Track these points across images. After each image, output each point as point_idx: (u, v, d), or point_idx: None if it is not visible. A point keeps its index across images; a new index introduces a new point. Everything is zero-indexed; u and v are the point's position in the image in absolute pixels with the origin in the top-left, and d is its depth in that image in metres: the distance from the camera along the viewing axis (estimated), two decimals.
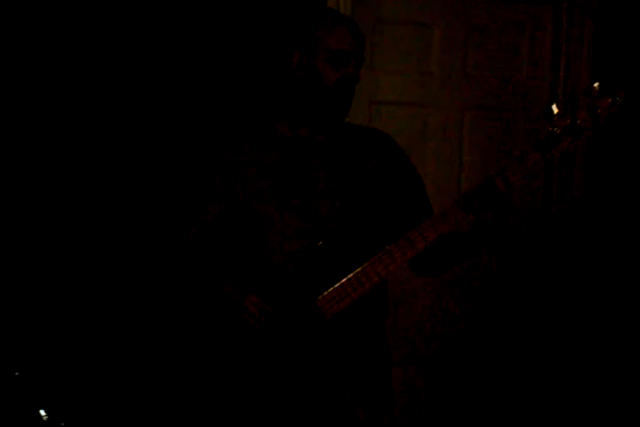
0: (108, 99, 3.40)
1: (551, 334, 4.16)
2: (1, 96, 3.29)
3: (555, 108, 2.37)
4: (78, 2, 3.36)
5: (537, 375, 4.20)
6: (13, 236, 3.27)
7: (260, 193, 2.62)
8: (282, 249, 2.58)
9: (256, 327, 2.51)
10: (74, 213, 3.37)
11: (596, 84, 2.36)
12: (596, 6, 4.04)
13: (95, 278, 3.34)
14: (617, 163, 4.10)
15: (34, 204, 3.34)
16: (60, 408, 2.70)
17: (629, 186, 4.11)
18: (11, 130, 3.28)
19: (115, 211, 3.41)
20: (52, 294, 3.28)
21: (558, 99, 4.11)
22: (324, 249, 2.55)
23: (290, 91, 2.66)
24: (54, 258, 3.31)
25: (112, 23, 3.40)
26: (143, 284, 3.39)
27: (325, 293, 2.50)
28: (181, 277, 2.81)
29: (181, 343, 3.28)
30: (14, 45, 3.28)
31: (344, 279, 2.49)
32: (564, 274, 4.12)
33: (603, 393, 4.10)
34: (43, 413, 2.68)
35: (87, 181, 3.39)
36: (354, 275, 2.49)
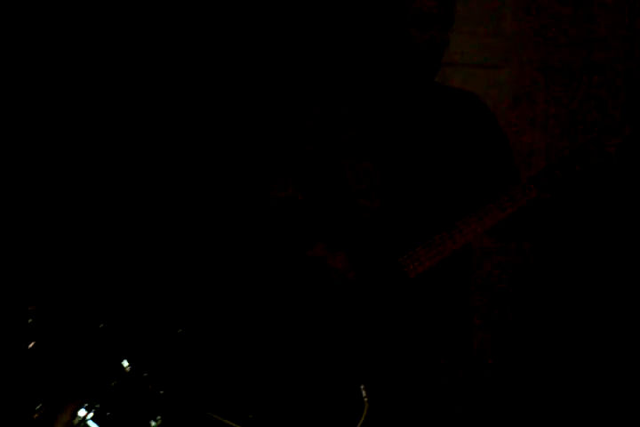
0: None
1: None
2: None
3: None
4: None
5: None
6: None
7: (342, 150, 2.64)
8: (365, 206, 2.61)
9: (341, 284, 2.56)
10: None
11: None
12: None
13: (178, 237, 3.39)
14: None
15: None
16: (143, 359, 2.73)
17: None
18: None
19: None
20: (139, 250, 3.33)
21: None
22: (407, 209, 2.57)
23: (377, 51, 2.67)
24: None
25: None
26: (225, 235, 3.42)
27: (408, 253, 2.53)
28: (268, 232, 2.82)
29: (262, 295, 3.31)
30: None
31: (429, 240, 2.52)
32: None
33: None
34: (126, 363, 2.71)
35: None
36: (439, 236, 2.52)
